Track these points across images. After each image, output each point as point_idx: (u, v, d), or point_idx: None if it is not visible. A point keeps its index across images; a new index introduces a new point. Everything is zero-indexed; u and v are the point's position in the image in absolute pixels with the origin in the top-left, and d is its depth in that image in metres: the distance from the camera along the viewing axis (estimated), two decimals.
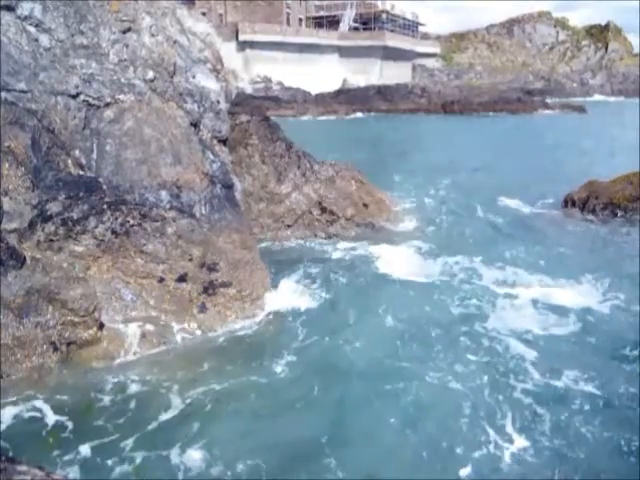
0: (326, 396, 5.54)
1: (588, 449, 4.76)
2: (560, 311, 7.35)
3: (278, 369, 6.03)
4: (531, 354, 6.26)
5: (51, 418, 5.07)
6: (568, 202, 12.88)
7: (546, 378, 5.81)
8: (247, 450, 4.72)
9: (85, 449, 4.69)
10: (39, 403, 5.27)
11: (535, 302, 7.62)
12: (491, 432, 4.96)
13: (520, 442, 4.83)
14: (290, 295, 7.75)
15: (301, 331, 6.85)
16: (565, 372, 5.90)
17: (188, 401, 5.43)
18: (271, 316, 7.18)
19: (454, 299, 7.80)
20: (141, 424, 5.08)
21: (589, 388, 5.61)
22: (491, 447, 4.78)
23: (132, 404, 5.38)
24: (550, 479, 4.46)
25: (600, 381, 5.72)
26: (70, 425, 5.00)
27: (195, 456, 4.65)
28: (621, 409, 5.30)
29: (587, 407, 5.30)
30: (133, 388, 5.62)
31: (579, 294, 7.90)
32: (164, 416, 5.20)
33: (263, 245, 9.70)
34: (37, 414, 5.12)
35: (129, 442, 4.81)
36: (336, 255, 9.75)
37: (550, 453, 4.71)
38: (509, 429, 5.00)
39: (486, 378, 5.79)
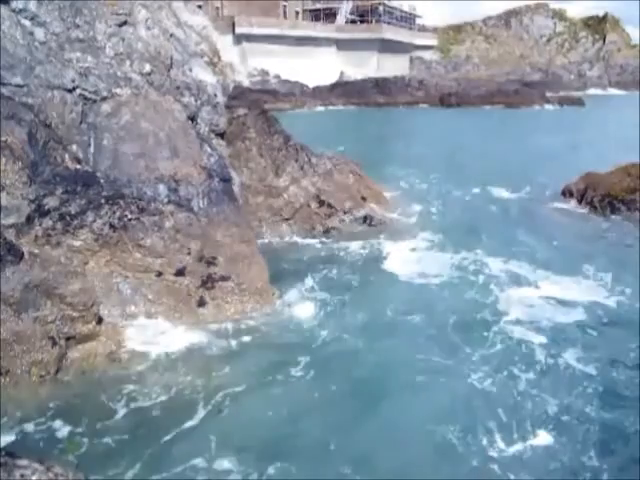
0: (346, 396, 5.46)
1: (596, 440, 4.79)
2: (567, 305, 7.35)
3: (289, 366, 5.95)
4: (542, 351, 6.24)
5: (53, 420, 5.00)
6: (566, 193, 12.91)
7: (555, 370, 5.87)
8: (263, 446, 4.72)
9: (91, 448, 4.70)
10: (40, 403, 5.22)
11: (542, 297, 7.60)
12: (502, 425, 4.98)
13: (531, 432, 4.86)
14: (290, 289, 7.74)
15: (304, 326, 6.83)
16: (574, 366, 5.93)
17: (188, 397, 5.43)
18: (273, 309, 7.16)
19: (462, 295, 7.74)
20: (141, 422, 5.09)
21: (599, 382, 5.63)
22: (505, 438, 4.80)
23: (131, 402, 5.38)
24: (559, 469, 4.48)
25: (611, 375, 5.75)
26: (73, 426, 4.95)
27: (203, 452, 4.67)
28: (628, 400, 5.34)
29: (596, 401, 5.31)
30: (133, 383, 5.61)
31: (583, 287, 7.91)
32: (167, 417, 5.21)
33: (261, 239, 9.67)
34: (38, 415, 5.05)
35: (132, 440, 4.82)
36: (335, 248, 9.74)
37: (559, 444, 4.73)
38: (520, 421, 5.02)
39: (501, 372, 5.81)
